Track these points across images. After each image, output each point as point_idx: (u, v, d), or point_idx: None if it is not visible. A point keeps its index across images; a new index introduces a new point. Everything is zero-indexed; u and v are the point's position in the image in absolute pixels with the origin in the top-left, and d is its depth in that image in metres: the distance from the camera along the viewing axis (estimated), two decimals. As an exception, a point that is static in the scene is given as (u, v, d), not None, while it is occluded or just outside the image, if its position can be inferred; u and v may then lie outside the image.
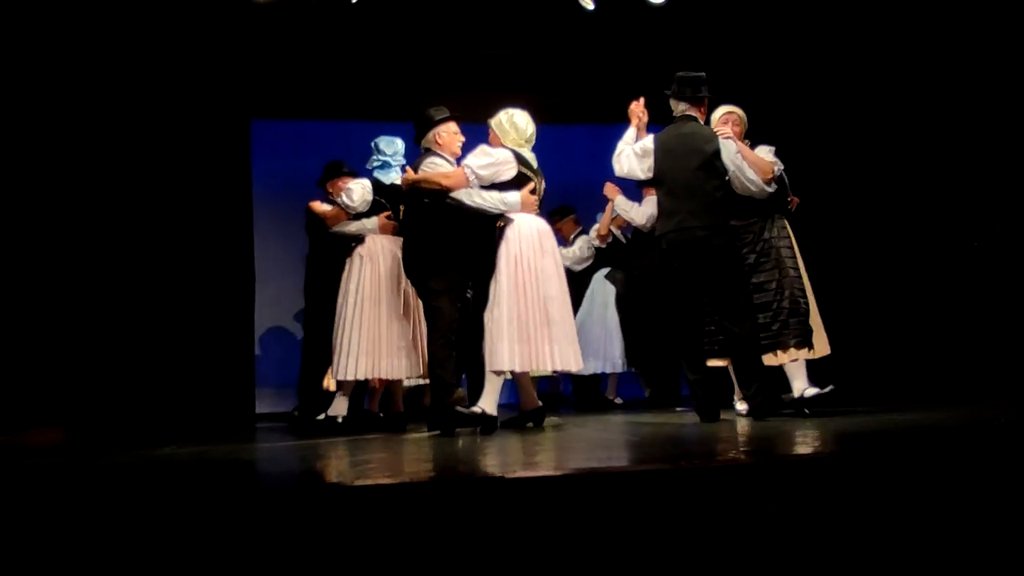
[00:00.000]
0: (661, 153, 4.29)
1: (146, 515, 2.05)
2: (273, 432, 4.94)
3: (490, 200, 4.19)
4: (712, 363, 4.39)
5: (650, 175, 4.38)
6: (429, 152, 4.39)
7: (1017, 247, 5.71)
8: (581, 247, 6.56)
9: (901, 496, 2.32)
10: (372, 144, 4.92)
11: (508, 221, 4.21)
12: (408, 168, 4.42)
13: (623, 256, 6.30)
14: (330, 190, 5.29)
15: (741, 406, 4.51)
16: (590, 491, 2.23)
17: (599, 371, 6.27)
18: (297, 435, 4.55)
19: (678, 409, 5.39)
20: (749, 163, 4.33)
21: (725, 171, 4.27)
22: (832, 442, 3.00)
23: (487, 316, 4.11)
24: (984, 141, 5.98)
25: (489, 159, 4.18)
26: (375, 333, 4.56)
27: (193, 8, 5.90)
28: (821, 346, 4.39)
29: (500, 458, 2.94)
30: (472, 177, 4.15)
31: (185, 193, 5.98)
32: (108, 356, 5.62)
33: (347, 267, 4.76)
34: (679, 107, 4.38)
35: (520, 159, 4.27)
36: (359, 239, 4.77)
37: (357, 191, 4.78)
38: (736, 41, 6.54)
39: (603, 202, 6.39)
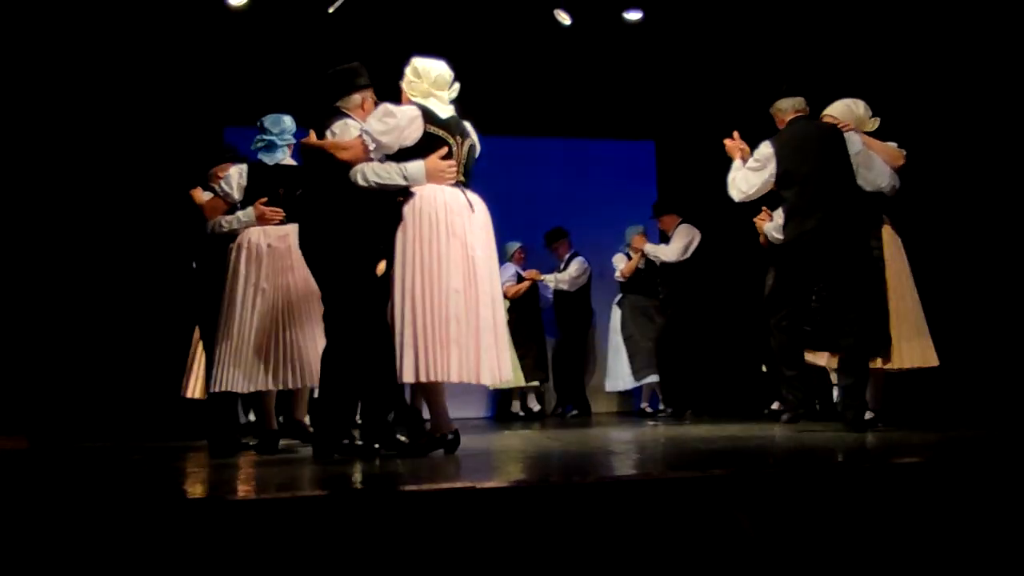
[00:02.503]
0: (786, 154, 4.06)
1: (107, 524, 2.01)
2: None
3: (386, 175, 3.31)
4: (810, 358, 4.29)
5: (772, 182, 4.10)
6: (341, 114, 3.56)
7: None
8: (578, 268, 6.77)
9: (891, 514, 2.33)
10: (257, 123, 4.27)
11: (407, 197, 3.35)
12: (312, 132, 3.53)
13: (649, 283, 6.45)
14: (220, 175, 4.35)
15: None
16: (572, 502, 2.22)
17: (613, 390, 6.77)
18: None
19: (650, 423, 5.40)
20: (877, 152, 4.19)
21: (850, 165, 4.07)
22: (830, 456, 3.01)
23: (389, 318, 3.33)
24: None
25: (392, 120, 3.33)
26: (239, 340, 3.91)
27: (167, 16, 5.87)
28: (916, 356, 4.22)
29: (472, 467, 2.91)
30: (372, 146, 3.30)
31: (155, 199, 5.92)
32: (74, 361, 5.55)
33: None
34: (794, 105, 4.19)
35: (430, 117, 3.42)
36: (234, 235, 4.09)
37: (233, 176, 4.09)
38: (714, 55, 6.60)
39: (583, 214, 6.49)
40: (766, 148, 4.10)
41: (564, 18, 6.41)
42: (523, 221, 6.61)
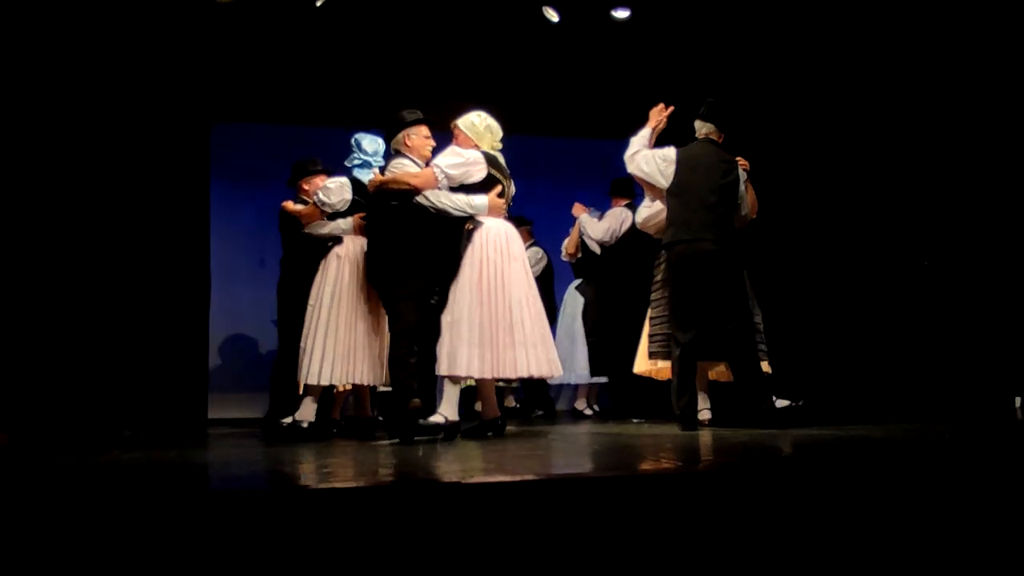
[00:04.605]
0: (685, 167, 4.44)
1: (88, 521, 2.00)
2: (225, 437, 4.84)
3: (456, 202, 4.10)
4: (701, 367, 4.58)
5: (667, 184, 4.47)
6: (398, 154, 4.30)
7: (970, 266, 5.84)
8: (529, 258, 6.58)
9: (853, 505, 2.36)
10: (352, 141, 4.75)
11: (476, 224, 4.16)
12: (376, 172, 4.33)
13: (595, 268, 6.29)
14: (305, 187, 5.00)
15: (705, 415, 4.65)
16: (548, 497, 2.23)
17: (565, 382, 6.34)
18: (261, 440, 4.41)
19: (635, 420, 5.41)
20: (747, 196, 4.67)
21: (737, 196, 4.53)
22: (787, 452, 3.04)
23: (444, 319, 4.06)
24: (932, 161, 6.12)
25: (459, 159, 4.12)
26: (349, 337, 4.41)
27: (156, 11, 5.81)
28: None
29: (459, 464, 2.93)
30: (441, 177, 4.08)
31: (142, 195, 5.88)
32: (57, 358, 5.49)
33: (322, 268, 4.55)
34: (704, 128, 4.57)
35: (492, 161, 4.21)
36: (336, 240, 4.58)
37: (335, 189, 4.59)
38: (698, 56, 6.63)
39: (560, 213, 6.45)
40: (671, 152, 4.49)
41: (552, 16, 6.40)
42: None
